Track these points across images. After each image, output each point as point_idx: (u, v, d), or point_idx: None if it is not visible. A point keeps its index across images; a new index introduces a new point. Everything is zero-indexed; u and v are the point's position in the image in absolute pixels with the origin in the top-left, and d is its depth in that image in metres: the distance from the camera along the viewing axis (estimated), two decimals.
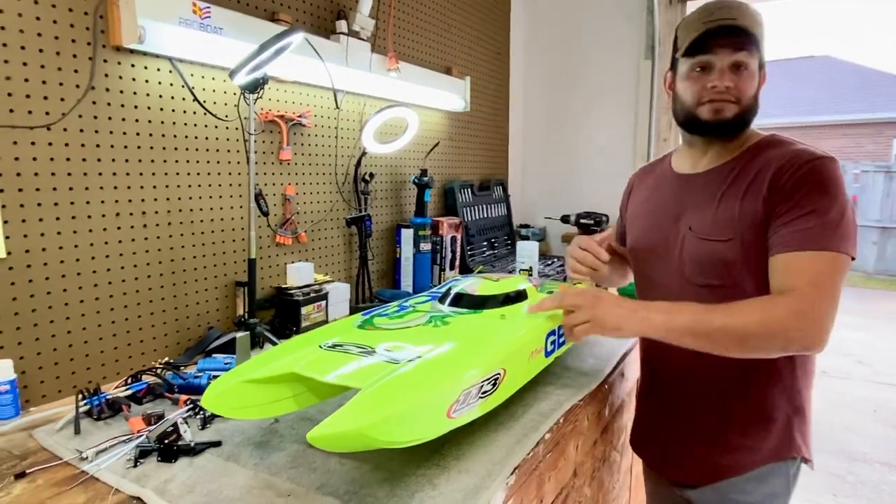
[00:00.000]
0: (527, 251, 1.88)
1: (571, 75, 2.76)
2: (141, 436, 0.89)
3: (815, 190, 0.92)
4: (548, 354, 1.04)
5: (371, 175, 1.79)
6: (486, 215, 2.49)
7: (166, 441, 0.87)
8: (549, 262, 2.43)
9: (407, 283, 1.97)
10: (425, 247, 1.98)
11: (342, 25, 1.60)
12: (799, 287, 0.89)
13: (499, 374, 0.85)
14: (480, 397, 0.81)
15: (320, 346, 0.88)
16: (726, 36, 0.98)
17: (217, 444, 0.88)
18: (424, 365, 0.78)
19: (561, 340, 1.10)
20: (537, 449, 0.91)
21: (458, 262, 2.19)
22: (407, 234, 1.94)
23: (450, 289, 1.16)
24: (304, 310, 1.49)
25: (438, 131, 2.20)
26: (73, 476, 0.81)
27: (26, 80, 1.00)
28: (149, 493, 0.75)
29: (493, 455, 0.87)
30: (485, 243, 2.45)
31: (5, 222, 0.99)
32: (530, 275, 1.88)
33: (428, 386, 0.72)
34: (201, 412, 0.96)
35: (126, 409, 0.98)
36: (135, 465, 0.82)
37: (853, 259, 0.91)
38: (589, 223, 2.64)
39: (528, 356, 0.95)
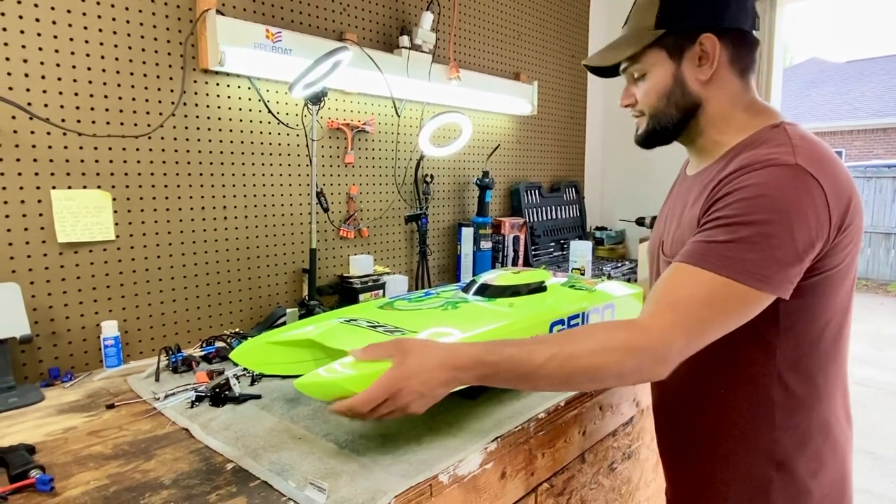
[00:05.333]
0: (579, 250, 1.92)
1: None
2: (201, 386, 1.10)
3: (745, 200, 0.76)
4: None
5: (431, 176, 1.93)
6: (554, 216, 2.54)
7: (217, 391, 1.06)
8: (620, 265, 2.43)
9: (467, 278, 2.09)
10: (486, 245, 2.09)
11: (405, 40, 1.76)
12: (653, 311, 0.78)
13: None
14: None
15: (338, 320, 1.04)
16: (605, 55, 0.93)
17: (257, 397, 1.07)
18: (408, 337, 0.90)
19: None
20: (528, 425, 0.99)
21: (520, 261, 2.27)
22: (467, 233, 2.06)
23: (474, 280, 1.27)
24: (361, 296, 1.66)
25: (503, 135, 2.30)
26: (146, 410, 1.03)
27: (133, 98, 1.26)
28: (195, 427, 0.95)
29: (484, 426, 0.96)
30: (552, 244, 2.50)
31: (115, 211, 1.25)
32: (582, 273, 1.92)
33: None
34: (251, 372, 1.16)
35: (195, 366, 1.21)
36: (191, 407, 1.03)
37: (765, 292, 0.75)
38: None
39: None
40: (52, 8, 1.13)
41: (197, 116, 1.36)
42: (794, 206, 0.74)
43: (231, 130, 1.43)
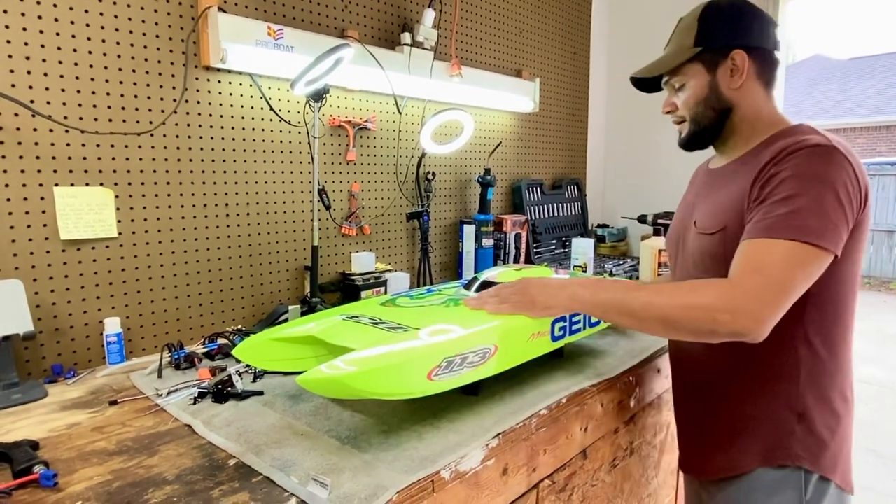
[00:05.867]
0: (581, 248, 1.92)
1: None
2: (204, 383, 1.10)
3: (793, 177, 0.88)
4: (555, 339, 1.11)
5: (433, 174, 1.93)
6: (556, 214, 2.54)
7: (220, 387, 1.06)
8: (621, 263, 2.43)
9: (468, 275, 2.09)
10: (487, 242, 2.09)
11: (406, 37, 1.76)
12: (740, 273, 0.87)
13: (488, 349, 0.94)
14: (467, 367, 0.91)
15: (340, 317, 1.04)
16: (650, 68, 1.10)
17: (260, 393, 1.07)
18: (410, 333, 0.90)
19: (574, 328, 1.17)
20: (529, 421, 0.99)
21: (522, 259, 2.27)
22: (468, 230, 2.06)
23: (476, 277, 1.27)
24: (363, 294, 1.66)
25: (505, 132, 2.30)
26: (149, 406, 1.03)
27: (135, 96, 1.26)
28: (198, 423, 0.95)
29: (485, 422, 0.97)
30: (554, 241, 2.50)
31: (118, 209, 1.25)
32: (584, 271, 1.92)
33: (408, 349, 0.84)
34: (254, 368, 1.16)
35: (198, 362, 1.21)
36: (194, 403, 1.03)
37: (829, 251, 0.86)
38: (667, 223, 2.60)
39: (527, 338, 1.03)
40: (55, 5, 1.14)
41: (199, 114, 1.37)
42: (837, 177, 0.87)
43: (233, 128, 1.44)
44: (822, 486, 0.98)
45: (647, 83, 1.15)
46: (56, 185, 1.17)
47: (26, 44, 1.11)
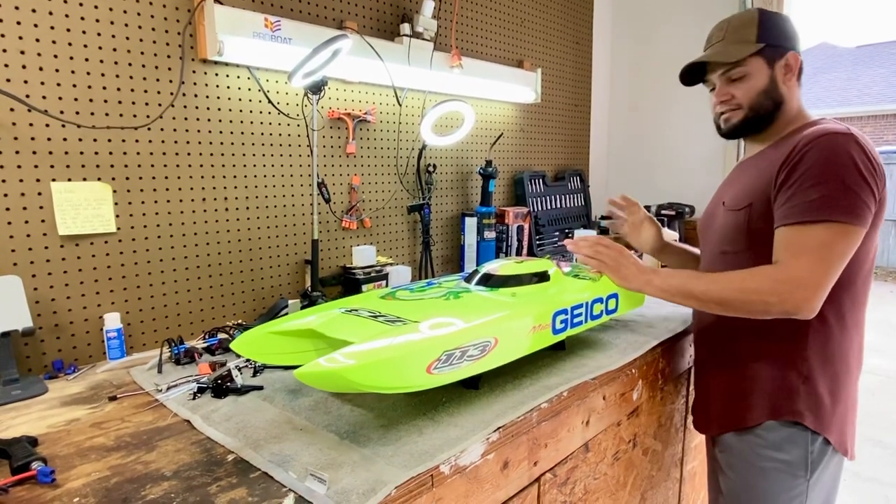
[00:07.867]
0: None
1: (659, 64, 2.69)
2: (203, 378, 1.09)
3: (818, 164, 0.98)
4: (556, 332, 1.10)
5: (434, 166, 1.92)
6: (559, 205, 2.52)
7: (219, 382, 1.06)
8: None
9: (470, 268, 2.07)
10: (489, 235, 2.08)
11: (405, 28, 1.74)
12: (783, 258, 1.00)
13: (489, 342, 0.94)
14: (466, 360, 0.90)
15: (340, 310, 1.03)
16: (714, 55, 1.17)
17: (259, 388, 1.06)
18: (410, 326, 0.89)
19: (575, 321, 1.16)
20: (530, 415, 0.98)
21: (524, 251, 2.26)
22: (470, 223, 2.05)
23: (477, 269, 1.26)
24: (364, 287, 1.66)
25: (507, 123, 2.28)
26: (149, 402, 1.03)
27: (132, 89, 1.25)
28: (197, 418, 0.95)
29: (485, 416, 0.96)
30: (556, 233, 2.48)
31: (116, 204, 1.24)
32: None
33: (407, 342, 0.84)
34: (254, 363, 1.15)
35: (198, 357, 1.21)
36: (193, 398, 1.03)
37: (860, 226, 0.97)
38: (671, 214, 2.58)
39: (528, 331, 1.03)
40: None
41: (196, 107, 1.36)
42: (857, 158, 0.97)
43: (231, 121, 1.43)
44: (824, 447, 1.10)
45: (690, 76, 1.24)
46: (53, 180, 1.16)
47: (21, 38, 1.10)
